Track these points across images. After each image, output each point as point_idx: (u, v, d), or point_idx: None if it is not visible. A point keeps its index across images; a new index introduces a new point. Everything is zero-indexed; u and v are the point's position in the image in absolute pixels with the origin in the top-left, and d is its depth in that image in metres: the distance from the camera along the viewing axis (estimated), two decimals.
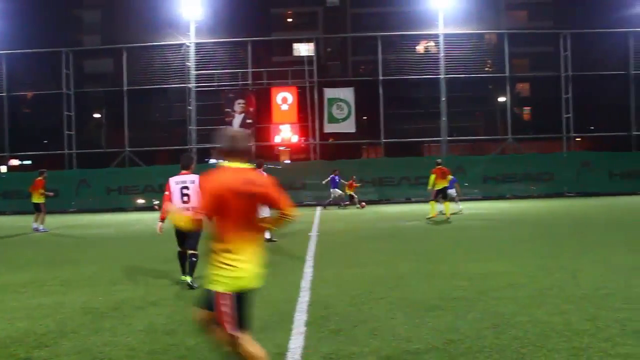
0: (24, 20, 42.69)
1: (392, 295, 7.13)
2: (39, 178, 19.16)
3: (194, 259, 8.25)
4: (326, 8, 59.04)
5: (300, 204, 27.38)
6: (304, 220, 19.98)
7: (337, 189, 25.82)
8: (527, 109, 53.07)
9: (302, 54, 46.60)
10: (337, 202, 26.43)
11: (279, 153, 45.94)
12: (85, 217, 25.19)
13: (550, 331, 5.34)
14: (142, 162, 31.74)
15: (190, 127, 31.69)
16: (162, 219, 8.49)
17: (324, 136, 33.22)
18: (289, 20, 59.82)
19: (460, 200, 23.38)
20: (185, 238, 8.25)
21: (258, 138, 32.42)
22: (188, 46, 31.48)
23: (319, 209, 25.92)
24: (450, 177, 18.93)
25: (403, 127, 37.72)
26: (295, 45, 53.50)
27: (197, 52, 31.76)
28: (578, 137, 35.51)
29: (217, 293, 3.86)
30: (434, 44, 33.50)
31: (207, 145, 34.77)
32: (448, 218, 18.10)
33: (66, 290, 8.30)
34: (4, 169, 40.80)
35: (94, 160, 32.62)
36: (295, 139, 32.52)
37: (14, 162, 43.08)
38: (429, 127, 34.60)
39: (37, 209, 18.88)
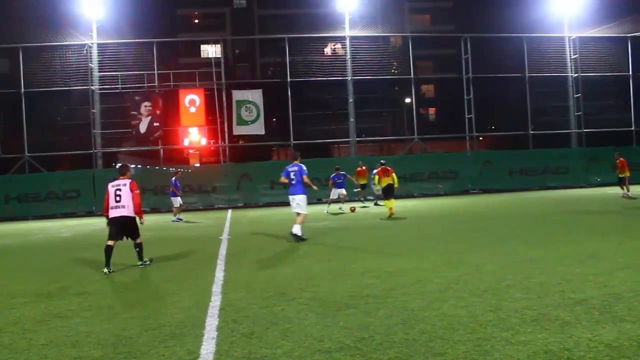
0: None
1: (303, 296, 7.16)
2: None
3: (137, 249, 10.54)
4: (233, 10, 58.73)
5: (211, 207, 27.15)
6: (215, 224, 19.78)
7: (342, 189, 23.69)
8: (432, 110, 54.82)
9: (209, 56, 46.08)
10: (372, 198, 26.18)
11: (188, 156, 45.21)
12: None
13: (457, 324, 5.53)
14: (44, 167, 30.40)
15: (94, 130, 30.63)
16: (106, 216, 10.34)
17: (234, 139, 32.98)
18: (196, 21, 59.09)
19: (367, 200, 23.86)
20: (128, 231, 10.36)
21: (166, 141, 31.77)
22: (90, 47, 30.44)
23: (229, 211, 25.70)
24: (394, 175, 19.55)
25: (312, 129, 37.98)
26: (203, 47, 52.83)
27: (101, 53, 30.76)
28: (480, 137, 37.02)
29: None
30: (341, 46, 34.01)
31: (113, 150, 33.74)
32: (393, 214, 18.83)
33: None
34: None
35: None
36: (204, 141, 32.12)
37: None
38: (338, 128, 35.02)
39: None
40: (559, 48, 34.80)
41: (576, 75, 34.68)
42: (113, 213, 10.24)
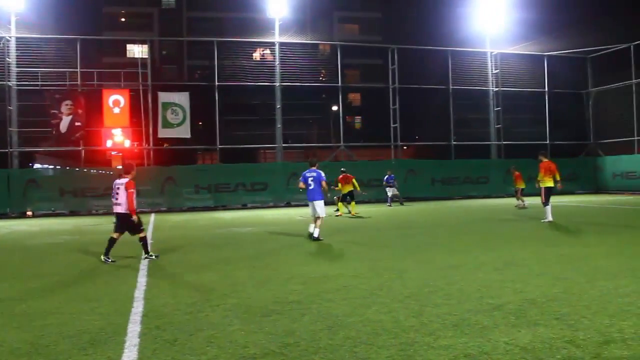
0: None
1: (228, 302, 7.11)
2: None
3: (141, 242, 11.26)
4: (162, 10, 57.79)
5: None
6: None
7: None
8: (358, 118, 55.59)
9: (135, 56, 45.11)
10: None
11: (111, 158, 43.95)
12: None
13: (380, 329, 5.62)
14: None
15: (10, 128, 29.33)
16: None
17: (158, 141, 32.35)
18: (122, 20, 57.75)
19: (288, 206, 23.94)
20: (125, 227, 11.12)
21: (88, 142, 30.75)
22: (8, 40, 29.15)
23: (153, 215, 25.21)
24: (354, 181, 22.30)
25: (239, 134, 37.78)
26: (129, 47, 51.70)
27: (19, 47, 29.46)
28: (405, 146, 37.80)
29: None
30: (270, 52, 34.00)
31: (31, 149, 32.44)
32: (355, 214, 21.83)
33: None
34: None
35: None
36: (127, 143, 31.32)
37: None
38: (264, 134, 34.96)
39: None
40: (482, 63, 36.03)
41: (497, 89, 35.98)
42: (114, 209, 11.31)
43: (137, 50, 47.22)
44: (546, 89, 36.97)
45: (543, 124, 37.11)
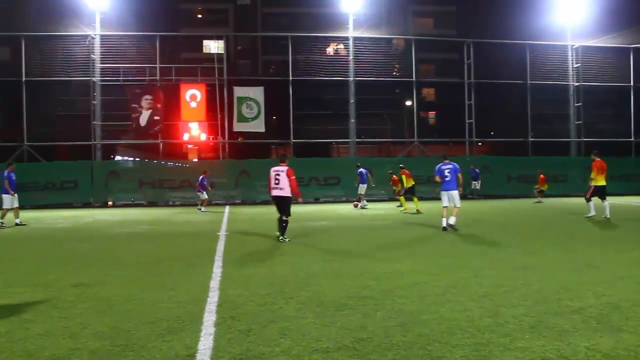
0: None
1: (301, 295, 7.16)
2: None
3: (284, 224, 12.88)
4: (237, 6, 58.62)
5: (209, 203, 27.08)
6: (213, 220, 19.78)
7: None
8: (432, 113, 54.85)
9: (212, 51, 46.06)
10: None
11: (187, 151, 45.17)
12: None
13: (455, 328, 5.53)
14: (43, 157, 30.34)
15: (94, 122, 30.58)
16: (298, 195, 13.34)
17: (233, 135, 32.93)
18: (199, 16, 58.98)
19: (369, 200, 23.92)
20: (281, 208, 12.93)
21: (166, 135, 31.73)
22: (93, 38, 30.37)
23: (227, 207, 25.72)
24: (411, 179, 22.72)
25: (312, 128, 37.99)
26: (205, 42, 52.82)
27: (103, 44, 30.70)
28: (480, 142, 37.03)
29: None
30: (343, 47, 34.00)
31: (112, 142, 33.71)
32: (418, 211, 21.55)
33: None
34: None
35: None
36: (203, 137, 32.07)
37: None
38: (337, 128, 35.03)
39: None
40: (561, 56, 34.84)
41: (577, 84, 34.73)
42: (273, 192, 12.99)
43: (213, 46, 48.22)
44: (632, 84, 35.35)
45: (627, 121, 35.53)
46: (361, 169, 24.93)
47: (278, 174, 12.85)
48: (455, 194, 14.94)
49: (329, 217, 20.55)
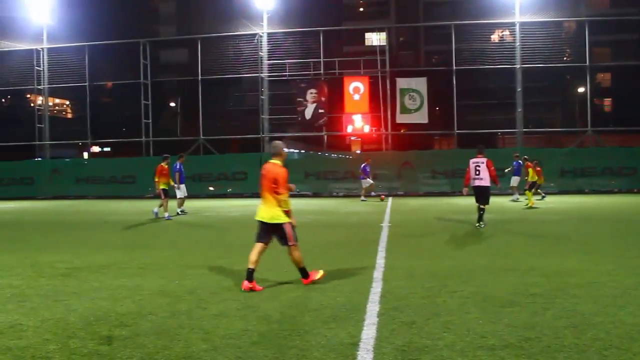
0: (103, 13, 44.24)
1: (465, 289, 7.02)
2: (163, 164, 18.26)
3: (481, 212, 13.85)
4: None
5: (370, 195, 27.32)
6: (375, 211, 19.95)
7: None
8: (608, 100, 51.00)
9: (374, 44, 46.30)
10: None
11: (350, 143, 45.91)
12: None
13: (636, 333, 5.12)
14: (216, 150, 32.38)
15: (262, 116, 32.06)
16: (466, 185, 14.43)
17: (396, 126, 32.91)
18: (361, 9, 59.53)
19: (536, 193, 22.81)
20: (482, 197, 13.86)
21: (330, 127, 32.50)
22: (261, 36, 31.79)
23: (390, 199, 25.81)
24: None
25: (476, 119, 36.95)
26: (367, 35, 53.16)
27: (269, 42, 32.03)
28: None
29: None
30: (509, 33, 32.65)
31: (280, 135, 35.16)
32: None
33: (144, 273, 8.57)
34: (85, 155, 42.70)
35: (170, 148, 33.61)
36: (367, 129, 32.39)
37: (95, 149, 44.94)
38: (503, 118, 33.75)
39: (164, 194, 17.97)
40: None
41: None
42: (474, 183, 13.94)
43: (375, 38, 48.40)
44: None
45: None
46: (518, 161, 23.82)
47: (478, 165, 13.80)
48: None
49: (492, 210, 19.83)
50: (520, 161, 23.74)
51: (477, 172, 13.82)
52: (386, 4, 58.30)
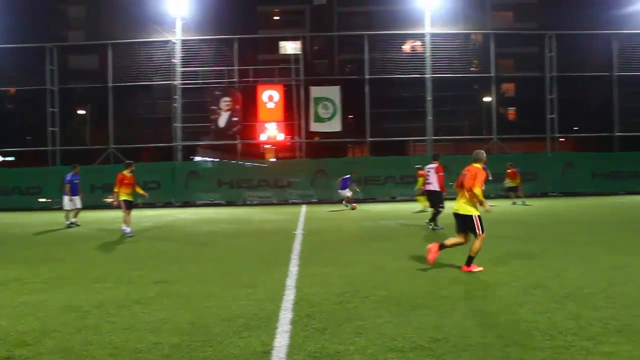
0: (7, 14, 42.25)
1: (377, 294, 7.14)
2: (125, 172, 16.38)
3: (435, 214, 14.68)
4: (313, 6, 59.07)
5: (285, 202, 27.40)
6: (289, 219, 19.99)
7: (346, 190, 24.65)
8: (512, 109, 53.38)
9: (288, 52, 46.54)
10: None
11: (264, 151, 45.87)
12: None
13: (535, 330, 5.38)
14: (127, 159, 31.44)
15: (175, 124, 31.51)
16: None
17: (310, 134, 33.17)
18: (276, 18, 59.79)
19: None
20: (433, 201, 14.83)
21: (244, 136, 32.32)
22: (174, 43, 31.28)
23: (304, 206, 25.93)
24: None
25: (389, 126, 37.72)
26: (282, 43, 53.46)
27: (183, 49, 31.56)
28: (562, 138, 35.69)
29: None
30: (420, 44, 33.58)
31: (192, 143, 34.67)
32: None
33: (49, 288, 8.20)
34: None
35: (78, 157, 32.42)
36: (281, 137, 32.43)
37: None
38: (414, 126, 34.62)
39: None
40: None
41: None
42: (425, 187, 15.21)
43: (290, 47, 48.70)
44: None
45: None
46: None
47: (429, 171, 14.89)
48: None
49: (406, 216, 20.32)
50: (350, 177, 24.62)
51: (428, 178, 14.97)
52: (301, 13, 58.85)
